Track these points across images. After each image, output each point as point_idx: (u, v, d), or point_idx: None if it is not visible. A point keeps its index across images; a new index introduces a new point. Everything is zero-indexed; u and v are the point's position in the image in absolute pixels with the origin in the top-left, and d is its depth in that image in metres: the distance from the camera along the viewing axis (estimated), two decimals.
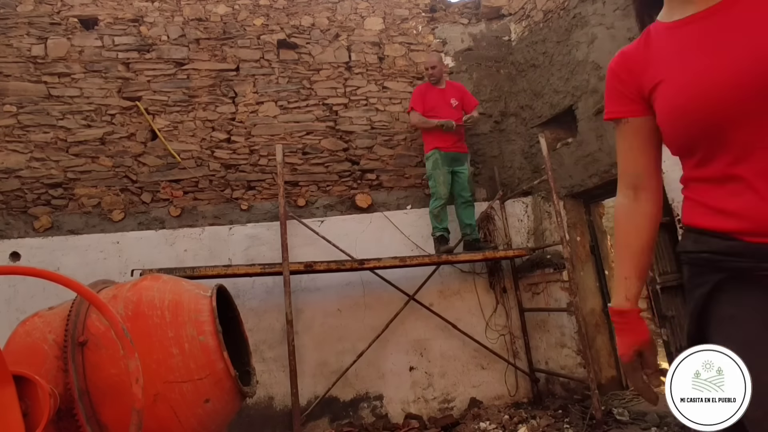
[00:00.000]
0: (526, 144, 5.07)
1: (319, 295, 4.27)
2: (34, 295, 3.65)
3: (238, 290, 4.02)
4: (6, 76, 4.12)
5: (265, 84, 4.58)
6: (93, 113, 4.23)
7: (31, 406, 1.46)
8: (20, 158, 4.02)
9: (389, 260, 4.02)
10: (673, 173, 3.33)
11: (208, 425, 2.08)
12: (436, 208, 4.36)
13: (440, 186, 4.35)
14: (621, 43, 4.00)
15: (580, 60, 4.41)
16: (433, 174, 4.40)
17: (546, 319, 4.57)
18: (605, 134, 4.19)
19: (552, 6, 4.77)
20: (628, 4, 3.92)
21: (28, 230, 3.93)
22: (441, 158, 4.38)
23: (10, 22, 4.20)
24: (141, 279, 2.31)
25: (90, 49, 4.32)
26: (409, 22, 5.20)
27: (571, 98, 4.54)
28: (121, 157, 4.21)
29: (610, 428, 3.57)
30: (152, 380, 1.87)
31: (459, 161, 4.50)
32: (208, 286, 2.36)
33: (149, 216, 4.17)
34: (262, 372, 3.92)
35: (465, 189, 4.49)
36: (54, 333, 1.95)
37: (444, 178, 4.37)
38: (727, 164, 0.95)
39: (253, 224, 4.30)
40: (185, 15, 4.57)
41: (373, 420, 4.12)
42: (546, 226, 4.66)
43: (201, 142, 4.39)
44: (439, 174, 4.36)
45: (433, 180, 4.42)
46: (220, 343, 2.10)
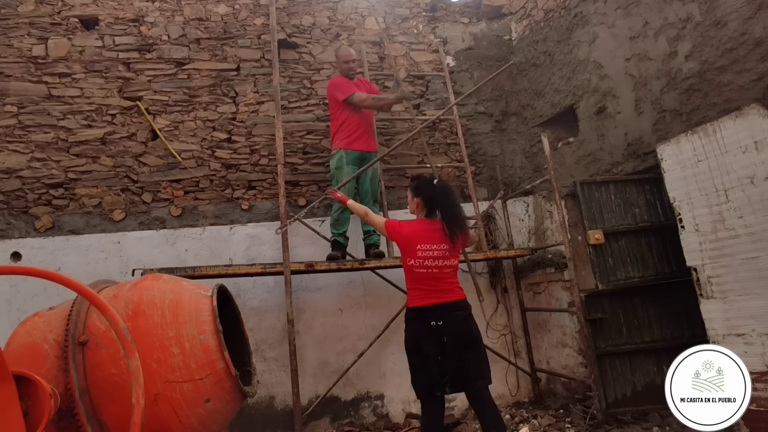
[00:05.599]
0: (527, 143, 5.07)
1: (320, 295, 4.27)
2: (35, 295, 3.66)
3: (239, 290, 4.02)
4: (7, 77, 4.12)
5: (265, 84, 4.58)
6: (94, 113, 4.23)
7: (32, 406, 1.46)
8: (21, 158, 4.03)
9: (390, 260, 4.02)
10: (673, 173, 3.33)
11: (208, 425, 2.08)
12: (335, 212, 4.03)
13: (342, 188, 3.94)
14: (622, 42, 3.99)
15: (582, 59, 4.41)
16: (335, 174, 4.09)
17: (547, 319, 4.57)
18: (606, 133, 4.19)
19: (553, 5, 4.76)
20: (629, 3, 3.92)
21: (29, 230, 3.94)
22: (346, 157, 4.06)
23: (11, 23, 4.20)
24: (142, 279, 2.32)
25: (90, 49, 4.32)
26: (410, 22, 5.20)
27: (572, 97, 4.53)
28: (122, 157, 4.22)
29: (611, 428, 3.57)
30: (153, 380, 1.87)
31: (367, 160, 4.14)
32: (209, 286, 2.37)
33: (150, 216, 4.17)
34: (263, 371, 3.93)
35: (367, 191, 4.18)
36: (55, 333, 1.96)
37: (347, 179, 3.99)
38: None
39: (253, 224, 4.30)
40: (186, 15, 4.57)
41: (374, 419, 4.13)
42: (547, 226, 4.66)
43: (202, 142, 4.39)
44: (342, 175, 4.02)
45: (335, 182, 4.08)
46: (221, 343, 2.10)
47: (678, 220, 3.30)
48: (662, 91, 3.66)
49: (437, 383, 2.59)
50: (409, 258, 2.75)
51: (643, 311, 3.85)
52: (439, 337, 2.60)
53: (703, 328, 3.13)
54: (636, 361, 3.79)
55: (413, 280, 2.76)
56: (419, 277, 2.73)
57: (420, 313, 2.68)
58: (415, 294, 2.75)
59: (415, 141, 4.93)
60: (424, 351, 2.61)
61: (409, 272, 2.78)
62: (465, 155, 4.82)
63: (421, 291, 2.72)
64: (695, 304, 3.20)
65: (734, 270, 2.97)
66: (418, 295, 2.73)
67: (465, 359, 2.63)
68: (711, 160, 3.10)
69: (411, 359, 2.73)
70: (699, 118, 3.36)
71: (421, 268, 2.72)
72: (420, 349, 2.64)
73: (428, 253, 2.72)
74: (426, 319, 2.65)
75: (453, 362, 2.58)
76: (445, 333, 2.60)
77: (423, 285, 2.72)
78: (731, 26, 3.16)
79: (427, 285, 2.71)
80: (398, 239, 2.84)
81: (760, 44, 3.01)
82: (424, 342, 2.62)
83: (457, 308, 2.70)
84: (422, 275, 2.72)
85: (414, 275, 2.75)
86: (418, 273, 2.73)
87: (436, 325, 2.61)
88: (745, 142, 2.91)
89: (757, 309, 2.85)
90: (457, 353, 2.60)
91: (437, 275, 2.71)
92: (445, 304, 2.67)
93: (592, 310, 3.86)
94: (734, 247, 2.97)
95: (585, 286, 4.05)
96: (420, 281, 2.73)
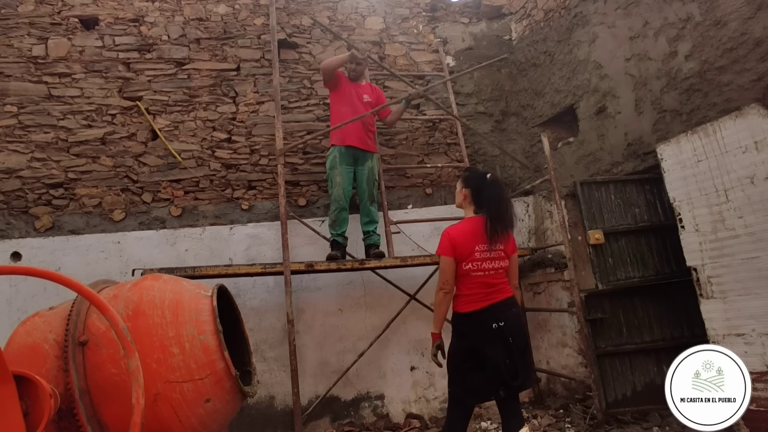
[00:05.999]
0: (527, 143, 5.07)
1: (320, 295, 4.27)
2: (35, 295, 3.66)
3: (239, 290, 4.02)
4: (7, 77, 4.12)
5: (265, 84, 4.58)
6: (94, 113, 4.23)
7: (32, 406, 1.46)
8: (21, 158, 4.03)
9: (390, 260, 4.02)
10: (673, 173, 3.33)
11: (208, 425, 2.08)
12: (333, 213, 3.99)
13: (336, 188, 3.98)
14: (622, 42, 3.99)
15: (582, 59, 4.41)
16: (330, 175, 4.04)
17: (547, 319, 4.57)
18: (606, 134, 4.19)
19: (553, 5, 4.76)
20: (629, 3, 3.92)
21: (29, 230, 3.94)
22: (340, 156, 4.01)
23: (11, 23, 4.20)
24: (142, 279, 2.32)
25: (90, 49, 4.32)
26: (410, 22, 5.20)
27: (572, 97, 4.53)
28: (122, 157, 4.22)
29: (611, 428, 3.57)
30: (153, 380, 1.87)
31: (363, 159, 4.11)
32: (209, 286, 2.37)
33: (150, 216, 4.17)
34: (263, 371, 3.93)
35: (364, 192, 4.12)
36: (55, 333, 1.96)
37: (342, 179, 3.98)
38: None
39: (253, 224, 4.30)
40: (186, 15, 4.57)
41: (375, 420, 4.13)
42: (547, 226, 4.66)
43: (202, 142, 4.39)
44: (336, 175, 3.99)
45: (330, 182, 4.06)
46: (221, 343, 2.10)
47: (678, 220, 3.30)
48: (662, 91, 3.66)
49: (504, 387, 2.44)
50: (466, 262, 2.55)
51: (643, 311, 3.85)
52: (503, 338, 2.46)
53: (703, 328, 3.13)
54: (636, 361, 3.79)
55: (466, 285, 2.57)
56: (475, 281, 2.55)
57: (476, 317, 2.51)
58: (466, 299, 2.56)
59: (416, 141, 4.93)
60: (489, 356, 2.44)
61: (463, 277, 2.57)
62: (465, 155, 4.82)
63: (474, 294, 2.55)
64: (695, 304, 3.20)
65: (734, 270, 2.97)
66: (470, 299, 2.55)
67: (526, 358, 2.54)
68: (711, 160, 3.10)
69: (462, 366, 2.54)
70: (699, 118, 3.36)
71: (479, 271, 2.54)
72: (479, 355, 2.47)
73: (486, 254, 2.56)
74: (485, 323, 2.49)
75: (521, 362, 2.47)
76: (509, 333, 2.47)
77: (478, 289, 2.55)
78: (731, 26, 3.16)
79: (481, 289, 2.55)
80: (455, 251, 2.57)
81: (760, 44, 3.01)
82: (486, 346, 2.45)
83: (512, 305, 2.59)
84: (478, 279, 2.55)
85: (469, 280, 2.56)
86: (474, 277, 2.55)
87: (498, 326, 2.47)
88: (745, 142, 2.91)
89: (757, 309, 2.85)
90: (521, 352, 2.49)
91: (492, 277, 2.56)
92: (500, 304, 2.53)
93: (592, 310, 3.86)
94: (734, 247, 2.97)
95: (585, 286, 4.05)
96: (475, 285, 2.55)
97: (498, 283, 2.58)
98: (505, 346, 2.45)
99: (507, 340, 2.46)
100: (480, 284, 2.55)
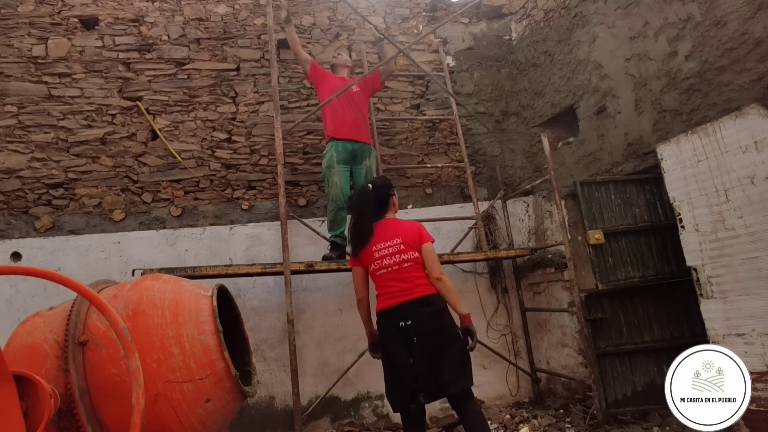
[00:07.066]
0: (527, 143, 5.07)
1: (320, 295, 4.27)
2: (35, 295, 3.66)
3: (239, 290, 4.03)
4: (7, 77, 4.12)
5: (265, 84, 4.58)
6: (94, 113, 4.23)
7: (32, 406, 1.46)
8: (21, 158, 4.03)
9: None
10: (673, 173, 3.33)
11: (208, 425, 2.08)
12: (331, 213, 4.00)
13: (333, 187, 3.97)
14: (622, 42, 3.99)
15: (582, 59, 4.41)
16: (327, 174, 4.02)
17: (547, 319, 4.56)
18: (606, 134, 4.19)
19: (553, 5, 4.76)
20: (629, 2, 3.92)
21: (29, 230, 3.94)
22: (337, 155, 3.98)
23: (11, 23, 4.20)
24: (142, 279, 2.31)
25: (90, 49, 4.32)
26: (410, 22, 5.20)
27: (572, 97, 4.53)
28: (122, 157, 4.22)
29: (611, 428, 3.56)
30: (153, 380, 1.87)
31: (360, 158, 4.08)
32: (209, 286, 2.36)
33: (150, 216, 4.17)
34: (263, 371, 3.93)
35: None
36: (55, 333, 1.96)
37: (339, 178, 3.96)
38: None
39: (253, 224, 4.30)
40: (186, 15, 4.57)
41: (375, 420, 4.12)
42: (547, 226, 4.65)
43: (202, 142, 4.39)
44: (333, 174, 3.97)
45: (326, 181, 4.05)
46: (221, 343, 2.10)
47: (678, 220, 3.30)
48: (662, 91, 3.66)
49: (410, 391, 2.39)
50: (369, 264, 2.65)
51: (643, 311, 3.85)
52: (406, 338, 2.43)
53: (703, 328, 3.13)
54: (636, 361, 3.79)
55: (377, 285, 2.64)
56: (382, 279, 2.60)
57: (385, 315, 2.55)
58: (379, 298, 2.62)
59: (416, 141, 4.93)
60: (393, 356, 2.45)
61: (373, 278, 2.67)
62: (465, 155, 4.82)
63: (384, 293, 2.58)
64: (695, 304, 3.20)
65: (734, 270, 2.97)
66: (381, 298, 2.59)
67: (438, 361, 2.39)
68: (711, 160, 3.10)
69: (384, 369, 2.56)
70: (699, 118, 3.36)
71: (381, 268, 2.60)
72: (389, 355, 2.49)
73: (384, 251, 2.60)
74: (391, 321, 2.51)
75: (424, 365, 2.38)
76: (413, 333, 2.42)
77: (387, 286, 2.58)
78: (731, 26, 3.16)
79: (390, 286, 2.56)
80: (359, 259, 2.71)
81: (760, 44, 3.01)
82: (391, 346, 2.47)
83: (426, 305, 2.50)
84: (384, 276, 2.60)
85: (377, 279, 2.64)
86: (380, 276, 2.61)
87: (404, 325, 2.45)
88: (745, 142, 2.91)
89: (757, 309, 2.85)
90: (427, 355, 2.39)
91: (397, 274, 2.57)
92: (410, 302, 2.50)
93: (592, 310, 3.86)
94: (734, 247, 2.97)
95: (585, 286, 4.05)
96: (383, 283, 2.60)
97: (409, 280, 2.54)
98: (408, 346, 2.41)
99: (411, 341, 2.40)
100: (387, 281, 2.57)
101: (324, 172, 4.09)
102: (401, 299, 2.51)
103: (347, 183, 4.06)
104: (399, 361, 2.43)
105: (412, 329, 2.43)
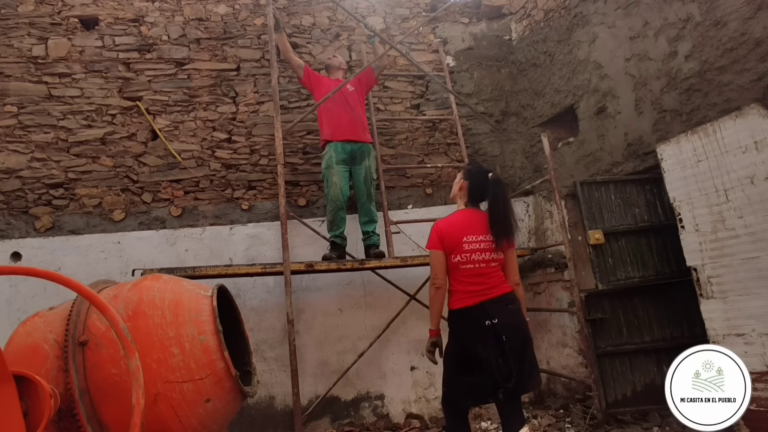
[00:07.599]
0: (527, 143, 5.07)
1: (320, 295, 4.27)
2: (35, 295, 3.66)
3: (239, 290, 4.02)
4: (7, 77, 4.12)
5: (265, 84, 4.58)
6: (94, 113, 4.23)
7: (32, 406, 1.46)
8: (21, 158, 4.03)
9: (390, 260, 4.02)
10: (673, 173, 3.33)
11: (208, 425, 2.08)
12: (330, 213, 3.99)
13: (333, 188, 3.96)
14: (622, 42, 3.99)
15: (582, 59, 4.41)
16: (326, 174, 4.02)
17: (547, 319, 4.57)
18: (606, 134, 4.19)
19: (553, 5, 4.76)
20: (629, 2, 3.92)
21: (29, 230, 3.94)
22: (336, 155, 3.98)
23: (11, 23, 4.20)
24: (142, 279, 2.32)
25: (90, 49, 4.32)
26: (410, 22, 5.19)
27: (572, 97, 4.53)
28: (122, 157, 4.22)
29: (611, 428, 3.57)
30: (153, 380, 1.87)
31: (360, 158, 4.07)
32: (209, 286, 2.37)
33: (150, 216, 4.17)
34: (263, 371, 3.93)
35: (361, 189, 4.08)
36: (55, 333, 1.96)
37: (338, 179, 3.95)
38: None
39: (253, 224, 4.30)
40: (186, 15, 4.57)
41: (375, 420, 4.12)
42: (547, 226, 4.66)
43: (202, 142, 4.39)
44: (332, 174, 3.97)
45: (325, 182, 4.05)
46: (221, 343, 2.10)
47: (678, 220, 3.30)
48: (662, 91, 3.66)
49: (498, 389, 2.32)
50: (454, 254, 2.46)
51: (643, 311, 3.85)
52: (496, 336, 2.34)
53: (703, 328, 3.14)
54: (636, 361, 3.79)
55: (457, 279, 2.47)
56: (465, 274, 2.45)
57: (468, 313, 2.42)
58: (459, 294, 2.47)
59: (416, 141, 4.93)
60: (479, 355, 2.33)
61: (453, 270, 2.48)
62: (465, 155, 4.82)
63: (466, 290, 2.45)
64: (695, 304, 3.20)
65: (734, 270, 2.97)
66: (462, 295, 2.45)
67: (524, 359, 2.36)
68: (711, 160, 3.10)
69: (455, 368, 2.44)
70: (699, 118, 3.36)
71: (468, 263, 2.44)
72: (471, 355, 2.37)
73: (475, 245, 2.45)
74: (477, 320, 2.38)
75: (515, 363, 2.31)
76: (501, 331, 2.34)
77: (470, 283, 2.44)
78: (731, 26, 3.16)
79: (474, 283, 2.44)
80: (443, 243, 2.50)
81: (760, 44, 3.01)
82: (478, 345, 2.35)
83: (509, 302, 2.44)
84: (469, 271, 2.45)
85: (459, 273, 2.46)
86: (464, 270, 2.45)
87: (491, 324, 2.35)
88: (745, 142, 2.91)
89: (757, 309, 2.85)
90: (515, 352, 2.34)
91: (484, 270, 2.45)
92: (494, 300, 2.40)
93: (592, 310, 3.86)
94: (734, 247, 2.97)
95: (585, 286, 4.05)
96: (466, 279, 2.45)
97: (492, 278, 2.47)
98: (497, 345, 2.33)
99: (500, 339, 2.33)
100: (471, 276, 2.45)
101: (323, 172, 4.10)
102: (483, 297, 2.42)
103: (346, 183, 4.07)
104: (485, 358, 2.32)
105: (499, 327, 2.35)
